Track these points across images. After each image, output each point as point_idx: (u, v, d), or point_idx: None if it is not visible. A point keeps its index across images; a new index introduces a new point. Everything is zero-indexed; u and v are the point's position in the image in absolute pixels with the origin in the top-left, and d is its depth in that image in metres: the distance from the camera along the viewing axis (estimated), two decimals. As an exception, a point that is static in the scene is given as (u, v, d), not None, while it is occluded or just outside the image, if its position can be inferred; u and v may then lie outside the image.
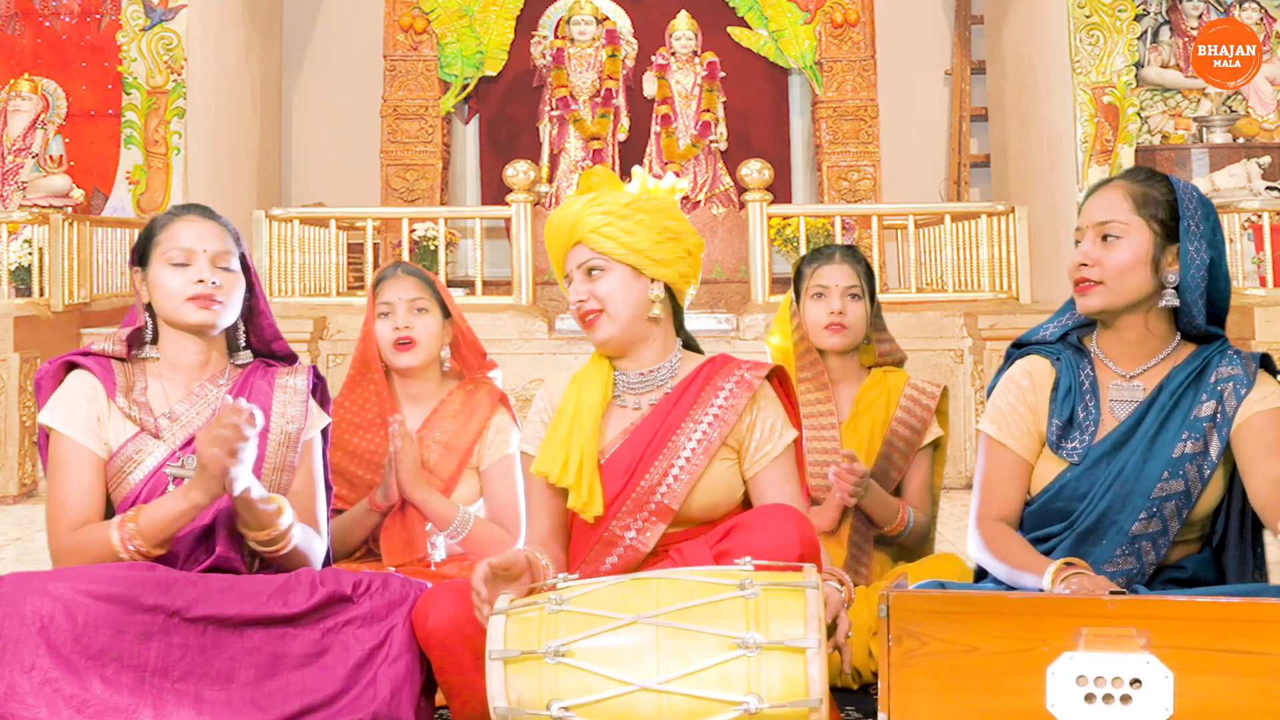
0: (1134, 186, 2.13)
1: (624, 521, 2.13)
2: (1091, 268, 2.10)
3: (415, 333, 2.76)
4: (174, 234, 2.19)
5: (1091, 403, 2.15)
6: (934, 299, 6.22)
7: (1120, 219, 2.11)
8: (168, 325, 2.22)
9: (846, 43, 8.15)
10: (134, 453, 2.16)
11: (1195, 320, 2.12)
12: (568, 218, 2.19)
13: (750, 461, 2.17)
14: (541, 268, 7.16)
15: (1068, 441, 2.13)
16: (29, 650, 1.89)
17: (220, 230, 2.22)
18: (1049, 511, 2.14)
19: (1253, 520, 2.11)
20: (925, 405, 2.82)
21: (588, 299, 2.17)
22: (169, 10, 6.98)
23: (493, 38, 8.22)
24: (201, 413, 2.21)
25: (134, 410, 2.17)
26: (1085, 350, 2.20)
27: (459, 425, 2.77)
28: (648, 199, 2.20)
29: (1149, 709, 1.66)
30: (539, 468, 2.18)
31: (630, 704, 1.71)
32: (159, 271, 2.19)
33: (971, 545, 2.17)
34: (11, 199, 6.84)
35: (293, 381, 2.28)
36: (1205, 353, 2.13)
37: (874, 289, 2.91)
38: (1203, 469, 2.07)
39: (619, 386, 2.23)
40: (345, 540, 2.72)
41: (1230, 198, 5.93)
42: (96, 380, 2.18)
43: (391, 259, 7.59)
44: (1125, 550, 2.08)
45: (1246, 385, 2.08)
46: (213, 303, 2.17)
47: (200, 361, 2.23)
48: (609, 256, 2.16)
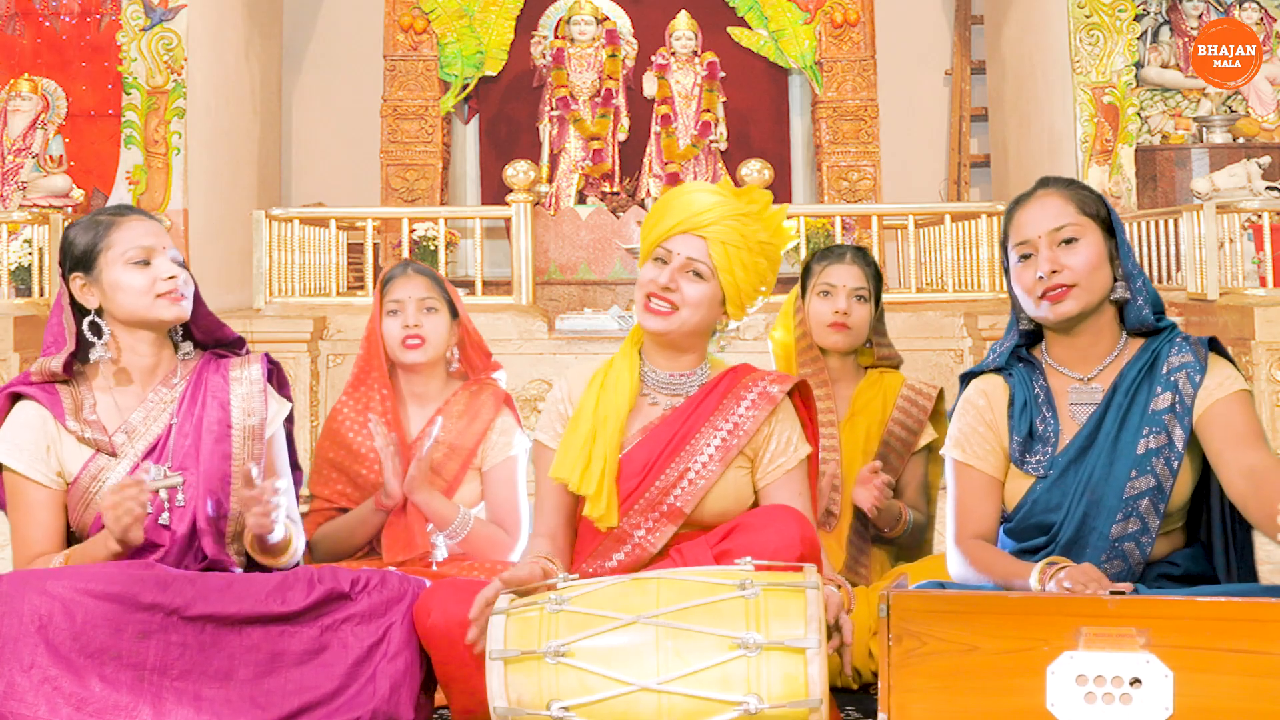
0: (1068, 191, 2.15)
1: (635, 520, 2.13)
2: (1061, 273, 2.08)
3: (424, 331, 2.76)
4: (129, 234, 2.17)
5: (1049, 414, 2.14)
6: (934, 299, 6.22)
7: (1073, 221, 2.11)
8: (125, 327, 2.18)
9: (846, 43, 8.15)
10: (96, 472, 2.15)
11: (1143, 311, 2.12)
12: (704, 204, 2.14)
13: (763, 472, 2.18)
14: (541, 268, 7.16)
15: (1031, 455, 2.13)
16: (28, 649, 1.89)
17: (161, 227, 2.23)
18: (1028, 527, 2.13)
19: (1232, 508, 2.10)
20: (921, 406, 2.82)
21: (676, 289, 2.14)
22: (169, 10, 6.98)
23: (493, 38, 8.22)
24: (159, 419, 2.18)
25: (87, 431, 2.14)
26: (1036, 362, 2.20)
27: (463, 426, 2.77)
28: (777, 245, 2.19)
29: (1149, 708, 1.66)
30: (557, 474, 2.16)
31: (630, 704, 1.71)
32: (117, 273, 2.15)
33: (953, 566, 2.14)
34: (11, 199, 6.84)
35: (247, 373, 2.25)
36: (1153, 344, 2.13)
37: (880, 293, 2.91)
38: (1170, 461, 2.06)
39: (648, 383, 2.21)
40: (350, 539, 2.72)
41: (1230, 198, 5.93)
42: (44, 408, 2.15)
43: (392, 259, 7.58)
44: (1110, 554, 2.07)
45: (1200, 371, 2.08)
46: (181, 296, 2.17)
47: (153, 364, 2.21)
48: (715, 270, 2.14)
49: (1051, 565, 1.94)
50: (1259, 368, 5.13)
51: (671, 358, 2.21)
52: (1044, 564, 1.95)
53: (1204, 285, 5.39)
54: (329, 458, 2.78)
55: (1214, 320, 5.38)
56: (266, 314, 5.87)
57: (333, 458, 2.77)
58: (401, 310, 2.76)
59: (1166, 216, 5.81)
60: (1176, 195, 6.61)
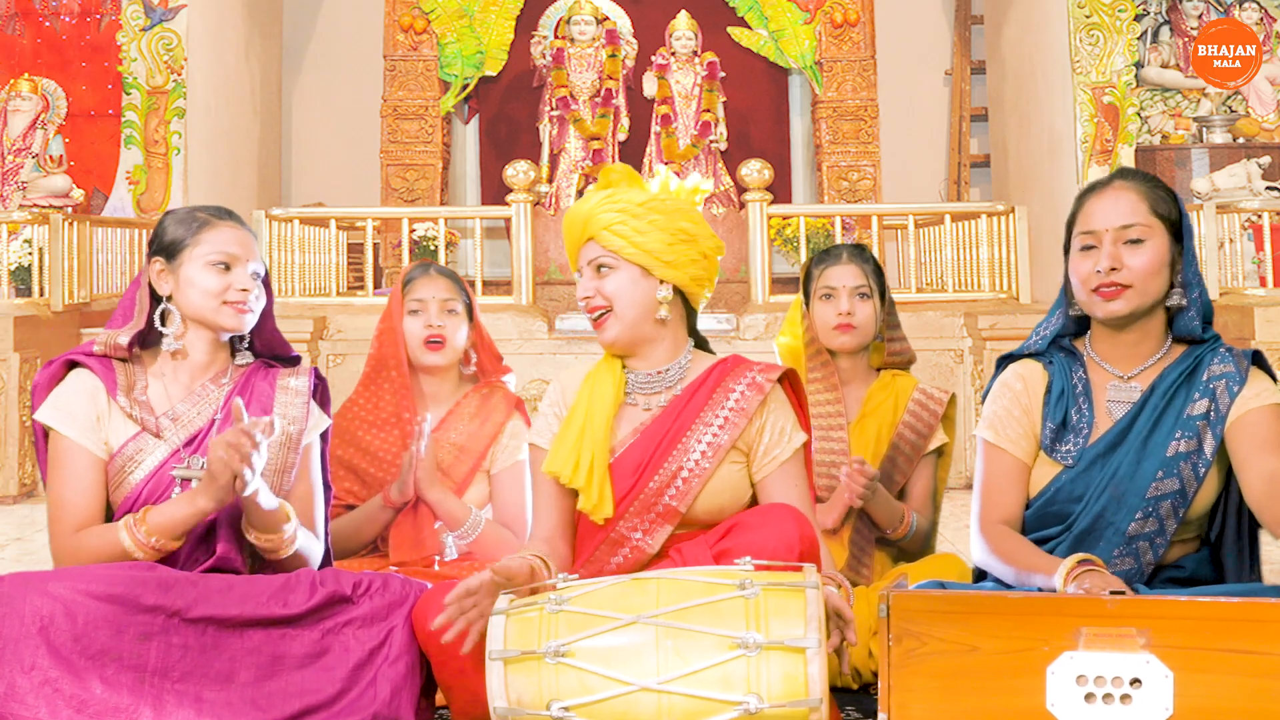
0: (1144, 188, 2.13)
1: (631, 522, 2.12)
2: (1120, 272, 2.07)
3: (446, 332, 2.77)
4: (220, 237, 2.21)
5: (1085, 405, 2.14)
6: (934, 299, 6.22)
7: (1143, 221, 2.09)
8: (191, 321, 2.22)
9: (846, 43, 8.15)
10: (134, 453, 2.16)
11: (1194, 321, 2.12)
12: (582, 213, 2.18)
13: (759, 465, 2.17)
14: (541, 268, 7.15)
15: (1062, 444, 2.13)
16: (29, 650, 1.89)
17: (253, 239, 2.27)
18: (1046, 514, 2.13)
19: (1249, 518, 2.11)
20: (933, 411, 2.82)
21: (594, 295, 2.17)
22: (169, 10, 6.98)
23: (493, 38, 8.22)
24: (203, 412, 2.21)
25: (135, 410, 2.17)
26: (1077, 353, 2.20)
27: (475, 428, 2.78)
28: (665, 199, 2.18)
29: (1149, 709, 1.66)
30: (550, 468, 2.16)
31: (630, 704, 1.71)
32: (196, 270, 2.19)
33: (975, 550, 2.15)
34: (11, 199, 6.84)
35: (294, 383, 2.28)
36: (1197, 352, 2.13)
37: (884, 287, 2.91)
38: (1197, 467, 2.06)
39: (629, 386, 2.21)
40: (356, 536, 2.72)
41: (1230, 198, 5.93)
42: (97, 379, 2.18)
43: (392, 259, 7.59)
44: (1122, 551, 2.07)
45: (1239, 382, 2.08)
46: (247, 309, 2.20)
47: (207, 361, 2.24)
48: (618, 255, 2.14)
49: (1082, 564, 1.91)
50: (1259, 368, 5.12)
51: (642, 358, 2.21)
52: (1074, 561, 1.92)
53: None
54: (338, 455, 2.78)
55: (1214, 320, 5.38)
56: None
57: (341, 455, 2.78)
58: (424, 310, 2.78)
59: (1166, 216, 5.80)
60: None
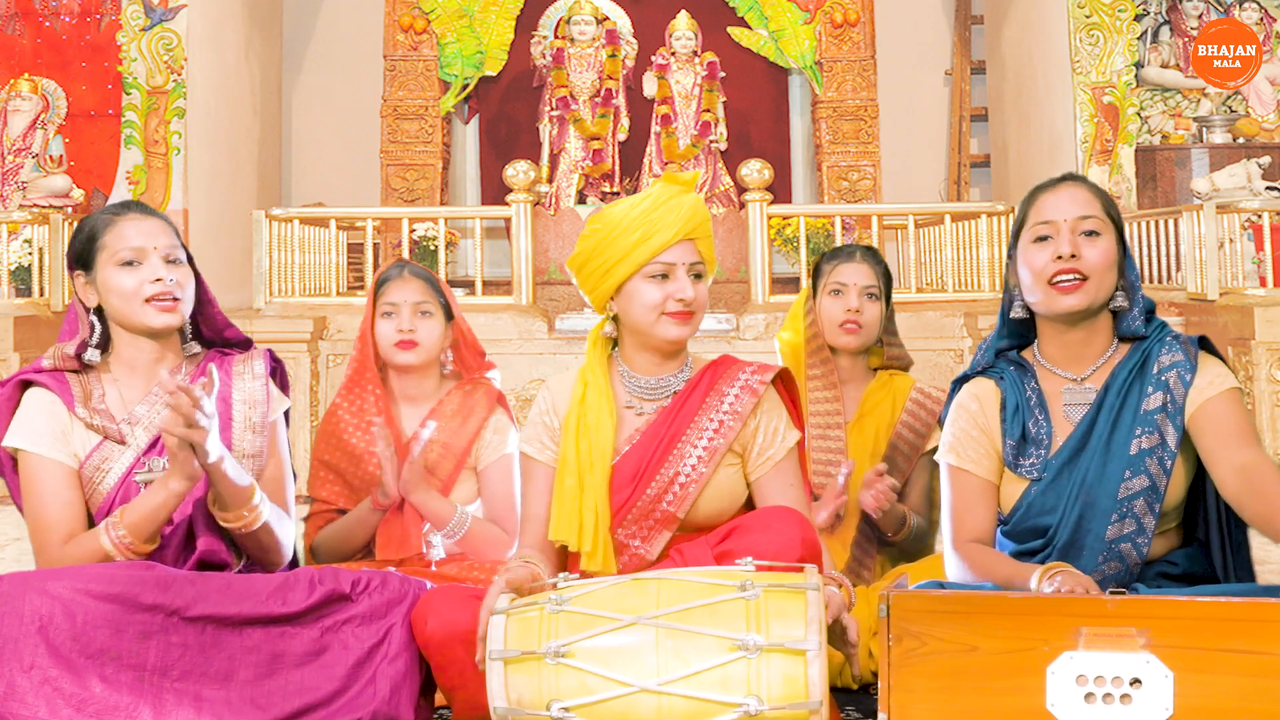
0: (1095, 188, 2.15)
1: (629, 530, 2.12)
2: (1079, 260, 2.06)
3: (418, 335, 2.76)
4: (120, 234, 2.16)
5: (1041, 415, 2.13)
6: (934, 299, 6.22)
7: (1099, 215, 2.10)
8: (122, 329, 2.19)
9: (846, 43, 8.15)
10: (101, 461, 2.15)
11: (1136, 321, 2.12)
12: (692, 209, 2.13)
13: (753, 466, 2.17)
14: (541, 268, 7.15)
15: (1025, 459, 2.12)
16: (28, 649, 1.89)
17: (164, 225, 2.20)
18: (1024, 530, 2.13)
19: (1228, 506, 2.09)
20: (930, 410, 2.82)
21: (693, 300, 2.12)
22: (169, 10, 6.98)
23: (493, 38, 8.22)
24: (162, 412, 2.17)
25: (95, 419, 2.15)
26: (1027, 365, 2.18)
27: (456, 425, 2.77)
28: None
29: (1149, 708, 1.66)
30: (556, 535, 2.12)
31: (630, 705, 1.71)
32: (110, 274, 2.15)
33: (951, 570, 2.13)
34: (11, 199, 6.84)
35: (250, 368, 2.26)
36: (1144, 345, 2.12)
37: (890, 292, 2.91)
38: (1164, 461, 2.05)
39: (630, 391, 2.20)
40: (349, 540, 2.72)
41: (1230, 198, 5.93)
42: (54, 395, 2.16)
43: (392, 259, 7.57)
44: (1106, 555, 2.06)
45: (1190, 370, 2.07)
46: (174, 301, 2.15)
47: (155, 359, 2.21)
48: (706, 265, 2.17)
49: (1048, 571, 1.93)
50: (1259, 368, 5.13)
51: (661, 362, 2.19)
52: (1042, 570, 1.94)
53: (1204, 285, 5.39)
54: (325, 459, 2.78)
55: (1214, 320, 5.38)
56: (266, 314, 5.87)
57: (328, 459, 2.77)
58: (396, 313, 2.76)
59: (1166, 216, 5.81)
60: (1176, 195, 6.61)
